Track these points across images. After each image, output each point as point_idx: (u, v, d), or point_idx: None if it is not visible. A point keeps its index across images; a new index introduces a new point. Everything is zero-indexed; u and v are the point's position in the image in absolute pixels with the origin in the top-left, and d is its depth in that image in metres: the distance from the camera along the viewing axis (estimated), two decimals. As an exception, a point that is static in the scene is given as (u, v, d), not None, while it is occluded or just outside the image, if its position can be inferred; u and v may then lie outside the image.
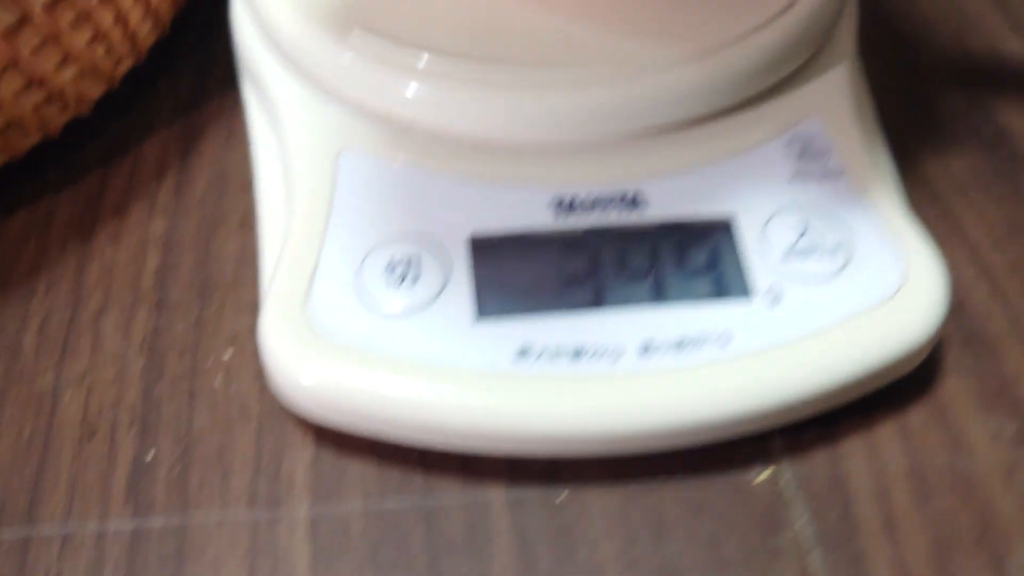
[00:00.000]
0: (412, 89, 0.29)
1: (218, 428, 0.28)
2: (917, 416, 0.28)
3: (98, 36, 0.32)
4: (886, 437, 0.28)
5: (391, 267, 0.27)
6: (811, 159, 0.29)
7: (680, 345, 0.26)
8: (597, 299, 0.27)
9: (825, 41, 0.32)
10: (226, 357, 0.30)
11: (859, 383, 0.27)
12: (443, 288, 0.27)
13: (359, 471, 0.27)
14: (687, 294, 0.27)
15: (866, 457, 0.27)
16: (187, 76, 0.38)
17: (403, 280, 0.27)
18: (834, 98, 0.31)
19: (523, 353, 0.26)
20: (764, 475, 0.27)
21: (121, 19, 0.32)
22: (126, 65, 0.34)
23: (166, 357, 0.30)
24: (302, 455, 0.27)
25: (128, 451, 0.28)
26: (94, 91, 0.33)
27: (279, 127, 0.31)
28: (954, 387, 0.29)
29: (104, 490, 0.27)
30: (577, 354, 0.26)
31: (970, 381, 0.29)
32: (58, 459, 0.27)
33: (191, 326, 0.30)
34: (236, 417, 0.28)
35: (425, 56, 0.29)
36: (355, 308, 0.27)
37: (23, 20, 0.28)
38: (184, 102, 0.37)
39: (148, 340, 0.30)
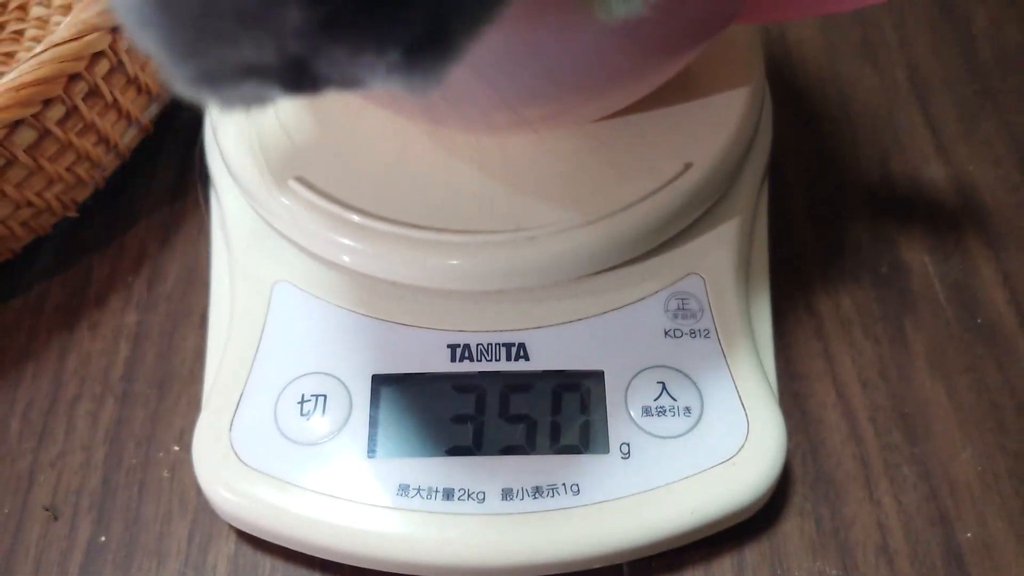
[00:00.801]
0: (336, 237, 0.33)
1: (160, 517, 0.34)
2: (753, 555, 0.32)
3: (80, 158, 0.36)
4: (723, 572, 0.32)
5: (303, 400, 0.32)
6: (684, 318, 0.33)
7: (537, 492, 0.30)
8: (472, 446, 0.31)
9: (722, 196, 0.35)
10: (175, 450, 0.35)
11: (697, 531, 0.31)
12: (344, 424, 0.32)
13: (269, 569, 0.32)
14: (552, 446, 0.31)
15: (701, 590, 0.32)
16: (170, 168, 0.42)
17: (312, 414, 0.32)
18: (719, 255, 0.34)
19: (403, 490, 0.31)
20: (610, 599, 0.32)
21: (103, 139, 0.37)
22: (111, 169, 0.39)
23: (125, 447, 0.35)
24: (225, 548, 0.33)
25: (85, 533, 0.33)
26: (81, 196, 0.38)
27: (230, 244, 0.35)
28: (793, 528, 0.33)
29: (62, 569, 0.32)
30: (448, 494, 0.31)
31: (808, 523, 0.33)
32: (28, 536, 0.33)
33: (149, 418, 0.36)
34: (176, 508, 0.34)
35: (350, 212, 0.33)
36: (271, 434, 0.32)
37: (8, 163, 0.33)
38: (165, 193, 0.41)
39: (112, 430, 0.35)
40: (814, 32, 0.47)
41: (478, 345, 0.33)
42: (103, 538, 0.33)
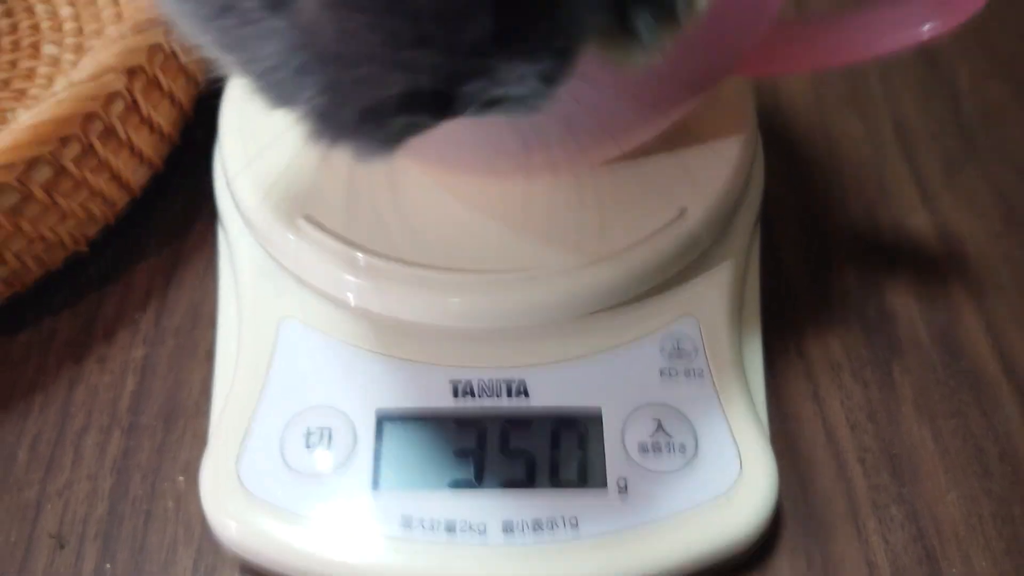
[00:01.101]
0: (342, 276, 0.34)
1: (166, 547, 0.34)
2: (746, 591, 0.33)
3: (93, 194, 0.37)
4: (716, 607, 0.33)
5: (309, 434, 0.33)
6: (679, 358, 0.34)
7: (537, 525, 0.31)
8: (474, 479, 0.32)
9: (716, 241, 0.36)
10: (180, 481, 0.35)
11: (693, 565, 0.32)
12: (348, 457, 0.32)
13: (272, 599, 0.33)
14: (551, 481, 0.32)
15: (694, 624, 0.32)
16: (179, 204, 0.43)
17: (317, 447, 0.33)
18: (713, 298, 0.35)
19: (406, 522, 0.31)
20: (605, 633, 0.32)
21: (115, 176, 0.38)
22: (121, 205, 0.40)
23: (131, 478, 0.36)
24: (229, 579, 0.33)
25: (91, 562, 0.34)
26: (91, 231, 0.39)
27: (238, 280, 0.36)
28: (783, 565, 0.34)
29: (67, 598, 0.33)
30: (450, 528, 0.31)
31: (798, 561, 0.34)
32: (35, 564, 0.34)
33: (155, 450, 0.36)
34: (181, 538, 0.34)
35: (356, 251, 0.34)
36: (277, 468, 0.32)
37: (25, 199, 0.34)
38: (174, 230, 0.42)
39: (118, 461, 0.36)
40: (805, 86, 0.48)
41: (479, 381, 0.34)
42: (108, 566, 0.34)
